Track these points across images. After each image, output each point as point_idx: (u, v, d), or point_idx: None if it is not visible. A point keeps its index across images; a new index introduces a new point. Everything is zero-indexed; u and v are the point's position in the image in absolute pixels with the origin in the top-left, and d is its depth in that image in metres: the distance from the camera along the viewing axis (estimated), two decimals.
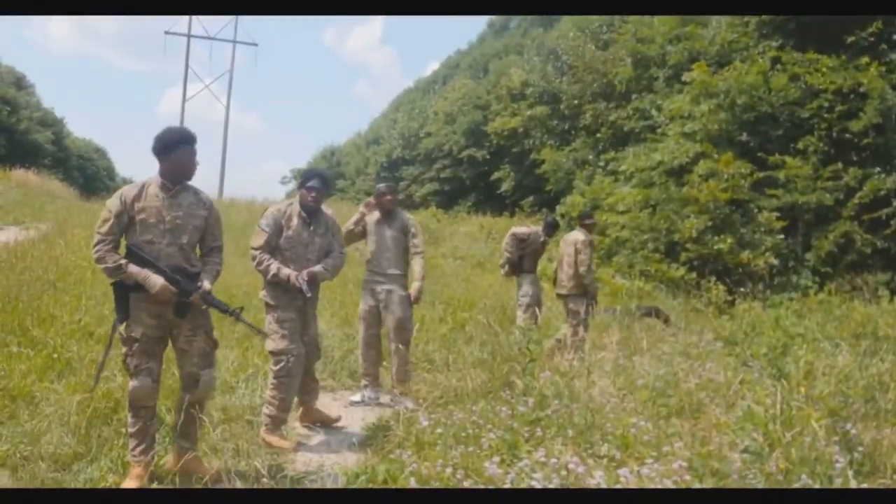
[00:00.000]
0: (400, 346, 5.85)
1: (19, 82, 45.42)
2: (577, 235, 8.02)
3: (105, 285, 8.09)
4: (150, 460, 3.92)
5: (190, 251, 4.03)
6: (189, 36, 39.13)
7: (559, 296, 8.21)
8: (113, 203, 3.85)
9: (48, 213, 17.21)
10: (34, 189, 23.66)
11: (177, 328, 3.96)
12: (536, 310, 7.76)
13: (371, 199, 6.11)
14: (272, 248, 5.00)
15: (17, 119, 38.02)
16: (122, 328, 3.89)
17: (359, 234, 6.10)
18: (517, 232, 8.36)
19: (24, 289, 7.24)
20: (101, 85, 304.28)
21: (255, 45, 48.54)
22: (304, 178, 5.18)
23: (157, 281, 3.81)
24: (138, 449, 3.89)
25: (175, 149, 3.96)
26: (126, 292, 3.86)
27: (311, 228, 5.07)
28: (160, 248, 3.90)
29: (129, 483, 3.79)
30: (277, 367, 4.87)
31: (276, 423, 4.88)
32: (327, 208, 5.31)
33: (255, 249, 4.99)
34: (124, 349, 3.88)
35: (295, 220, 5.05)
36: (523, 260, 8.13)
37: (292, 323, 4.92)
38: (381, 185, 6.19)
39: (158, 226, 3.90)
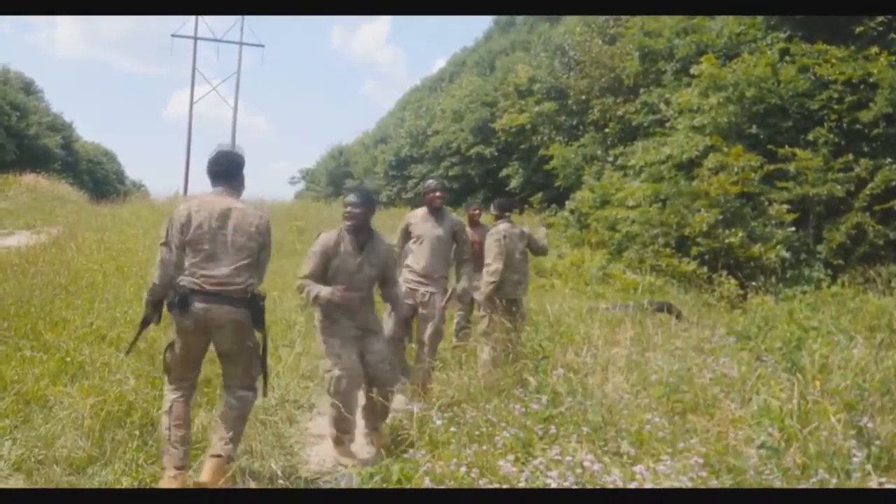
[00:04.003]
0: (428, 352, 5.73)
1: (28, 88, 45.62)
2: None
3: (116, 288, 8.14)
4: None
5: None
6: (196, 38, 39.29)
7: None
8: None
9: (58, 217, 17.30)
10: (44, 193, 23.80)
11: None
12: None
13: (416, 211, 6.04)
14: (317, 278, 4.68)
15: (27, 124, 38.18)
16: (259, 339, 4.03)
17: (408, 234, 6.04)
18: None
19: (35, 293, 7.26)
20: (109, 89, 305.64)
21: (262, 46, 48.43)
22: (345, 198, 4.90)
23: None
24: None
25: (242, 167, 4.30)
26: (264, 306, 4.02)
27: (361, 256, 4.72)
28: None
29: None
30: (326, 386, 4.71)
31: (337, 441, 4.77)
32: (386, 237, 5.02)
33: (300, 278, 4.75)
34: (259, 361, 4.04)
35: (342, 248, 4.71)
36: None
37: (337, 343, 4.68)
38: (430, 181, 6.05)
39: None
